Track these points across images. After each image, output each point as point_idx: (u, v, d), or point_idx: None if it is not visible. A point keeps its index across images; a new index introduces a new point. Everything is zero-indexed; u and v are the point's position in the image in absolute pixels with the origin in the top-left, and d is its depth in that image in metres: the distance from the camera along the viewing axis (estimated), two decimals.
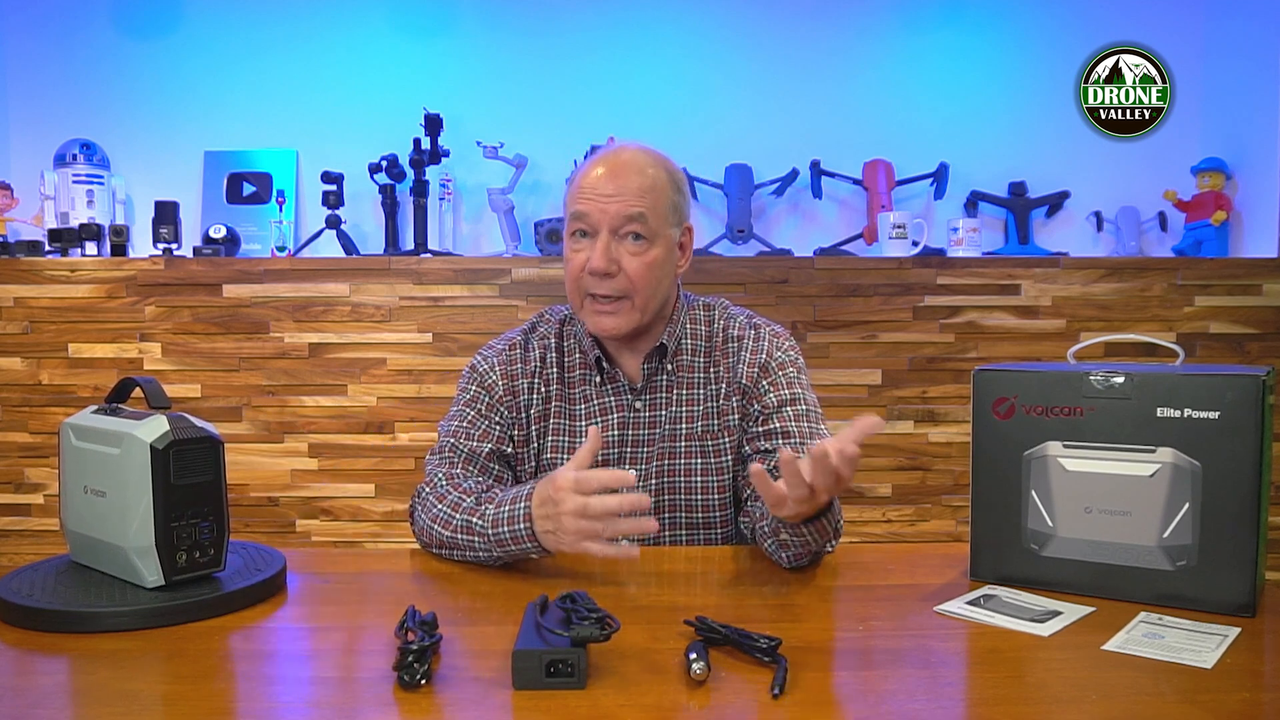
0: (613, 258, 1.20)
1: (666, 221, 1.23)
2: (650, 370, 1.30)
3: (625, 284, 1.21)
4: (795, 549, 1.08)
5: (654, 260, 1.22)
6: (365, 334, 2.44)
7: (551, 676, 0.74)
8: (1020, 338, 2.48)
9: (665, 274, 1.25)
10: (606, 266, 1.20)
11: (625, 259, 1.21)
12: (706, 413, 1.29)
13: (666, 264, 1.24)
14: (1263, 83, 2.59)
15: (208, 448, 0.97)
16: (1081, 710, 0.72)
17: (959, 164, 2.70)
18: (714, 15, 2.76)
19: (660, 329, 1.30)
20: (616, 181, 1.20)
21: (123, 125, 2.74)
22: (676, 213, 1.25)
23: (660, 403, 1.30)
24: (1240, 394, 0.91)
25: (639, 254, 1.21)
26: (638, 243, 1.21)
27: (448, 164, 2.63)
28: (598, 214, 1.20)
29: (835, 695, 0.75)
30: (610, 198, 1.20)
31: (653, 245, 1.22)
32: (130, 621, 0.89)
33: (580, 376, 1.31)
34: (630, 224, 1.20)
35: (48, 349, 2.43)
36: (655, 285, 1.23)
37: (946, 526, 2.48)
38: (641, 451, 1.29)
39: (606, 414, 1.29)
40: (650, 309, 1.25)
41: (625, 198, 1.20)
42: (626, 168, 1.22)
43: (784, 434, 1.25)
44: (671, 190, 1.24)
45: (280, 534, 2.46)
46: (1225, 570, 0.92)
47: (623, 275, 1.21)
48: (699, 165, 2.68)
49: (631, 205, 1.20)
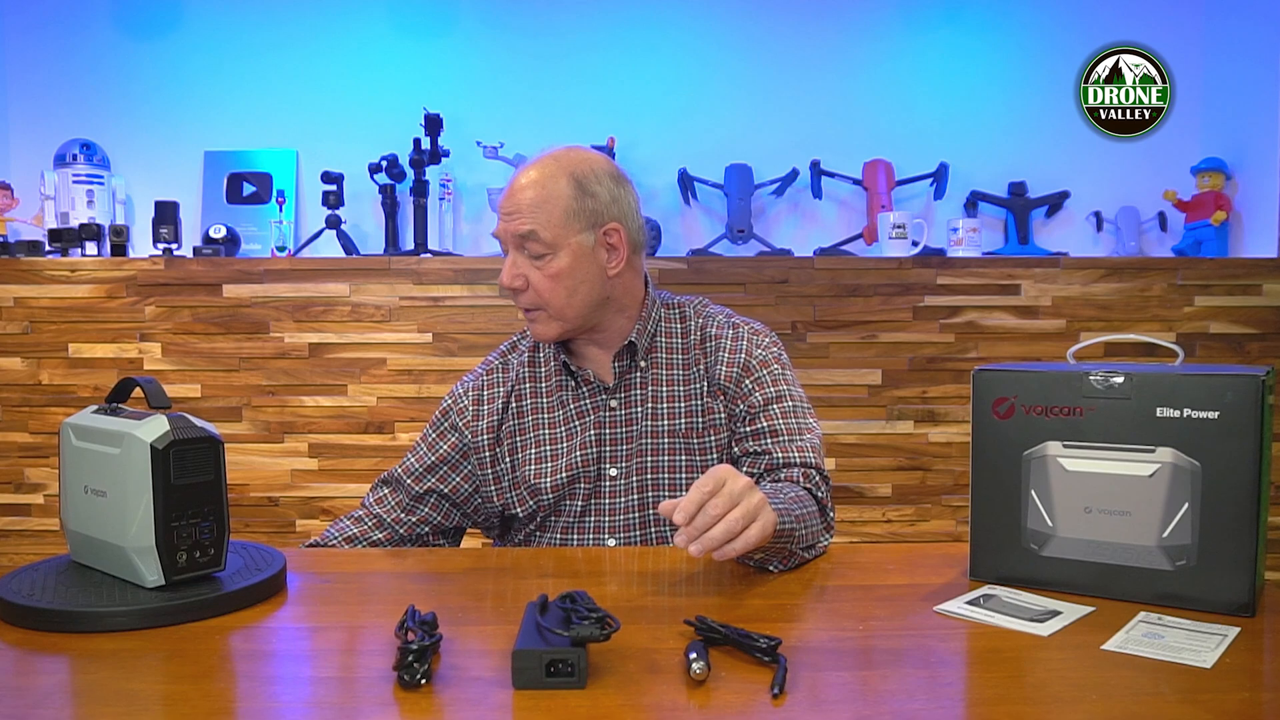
0: (518, 273, 1.25)
1: (568, 230, 1.22)
2: (622, 369, 1.31)
3: (534, 297, 1.25)
4: (774, 562, 1.08)
5: (558, 271, 1.23)
6: (365, 334, 2.44)
7: (551, 676, 0.74)
8: (1020, 338, 2.48)
9: (580, 281, 1.24)
10: (510, 282, 1.25)
11: (531, 274, 1.24)
12: (690, 410, 1.30)
13: (578, 271, 1.24)
14: (1263, 83, 2.59)
15: (208, 448, 0.97)
16: (1081, 710, 0.72)
17: (959, 164, 2.70)
18: (714, 15, 2.76)
19: (629, 325, 1.31)
20: (511, 200, 1.24)
21: (123, 125, 2.74)
22: (585, 217, 1.23)
23: (635, 400, 1.30)
24: (1240, 394, 0.91)
25: (540, 268, 1.24)
26: (538, 260, 1.24)
27: (448, 164, 2.63)
28: (502, 233, 1.26)
29: (835, 695, 0.75)
30: (508, 217, 1.24)
31: (555, 257, 1.23)
32: (130, 621, 0.89)
33: (556, 384, 1.33)
34: (525, 242, 1.23)
35: (48, 349, 2.43)
36: (566, 295, 1.24)
37: (946, 526, 2.48)
38: (620, 450, 1.29)
39: (583, 416, 1.30)
40: (571, 315, 1.26)
41: (516, 216, 1.23)
42: (521, 186, 1.24)
43: (771, 433, 1.26)
44: (573, 198, 1.23)
45: (280, 534, 2.46)
46: (1225, 570, 0.92)
47: (531, 290, 1.25)
48: (699, 165, 2.68)
49: (521, 223, 1.22)
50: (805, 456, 1.24)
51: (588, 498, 1.28)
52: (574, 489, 1.28)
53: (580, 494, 1.28)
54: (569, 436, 1.29)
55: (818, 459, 1.25)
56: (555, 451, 1.29)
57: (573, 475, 1.28)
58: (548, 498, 1.28)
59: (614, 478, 1.28)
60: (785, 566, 1.09)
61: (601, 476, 1.29)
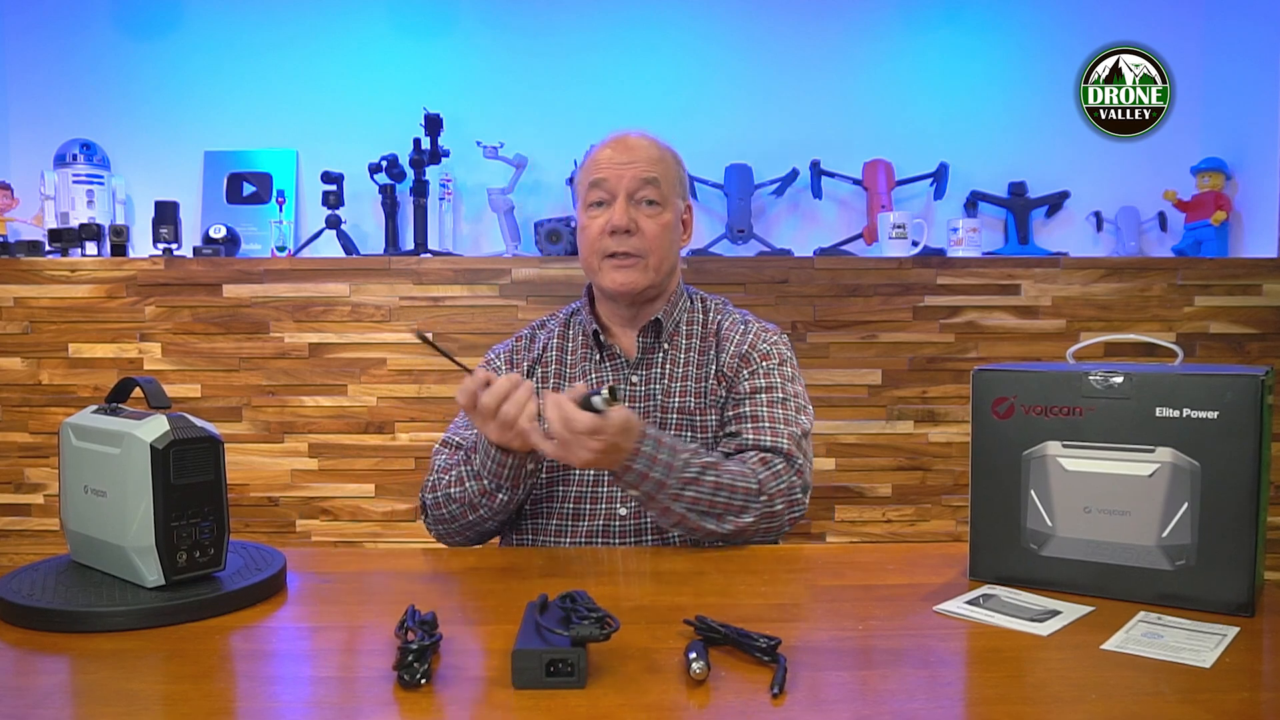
0: (631, 217, 1.30)
1: (675, 191, 1.35)
2: (646, 345, 1.36)
3: (641, 243, 1.31)
4: (653, 511, 1.16)
5: (666, 223, 1.34)
6: (365, 334, 2.44)
7: (551, 676, 0.74)
8: (1020, 338, 2.48)
9: (674, 240, 1.37)
10: (626, 224, 1.30)
11: (642, 220, 1.31)
12: (698, 391, 1.34)
13: (675, 231, 1.37)
14: (1263, 83, 2.59)
15: (208, 448, 0.97)
16: (1081, 710, 0.72)
17: (959, 164, 2.70)
18: (714, 15, 2.76)
19: (659, 305, 1.37)
20: (631, 152, 1.33)
21: (123, 125, 2.74)
22: (682, 186, 1.40)
23: (655, 377, 1.35)
24: (1239, 394, 0.91)
25: (654, 216, 1.32)
26: (652, 207, 1.32)
27: (448, 164, 2.63)
28: (615, 179, 1.31)
29: (835, 695, 0.75)
30: (626, 164, 1.31)
31: (665, 210, 1.33)
32: (130, 621, 0.89)
33: (582, 356, 1.38)
34: (645, 187, 1.31)
35: (48, 349, 2.43)
36: (667, 248, 1.33)
37: (946, 526, 2.48)
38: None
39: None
40: (662, 270, 1.34)
41: (639, 164, 1.32)
42: (637, 141, 1.35)
43: (752, 418, 1.29)
44: (676, 165, 1.38)
45: (280, 534, 2.46)
46: (1224, 570, 0.92)
47: (640, 235, 1.31)
48: (699, 165, 2.68)
49: (646, 170, 1.31)
50: (777, 442, 1.25)
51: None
52: None
53: None
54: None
55: (791, 446, 1.26)
56: None
57: None
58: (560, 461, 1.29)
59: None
60: (679, 528, 1.17)
61: None
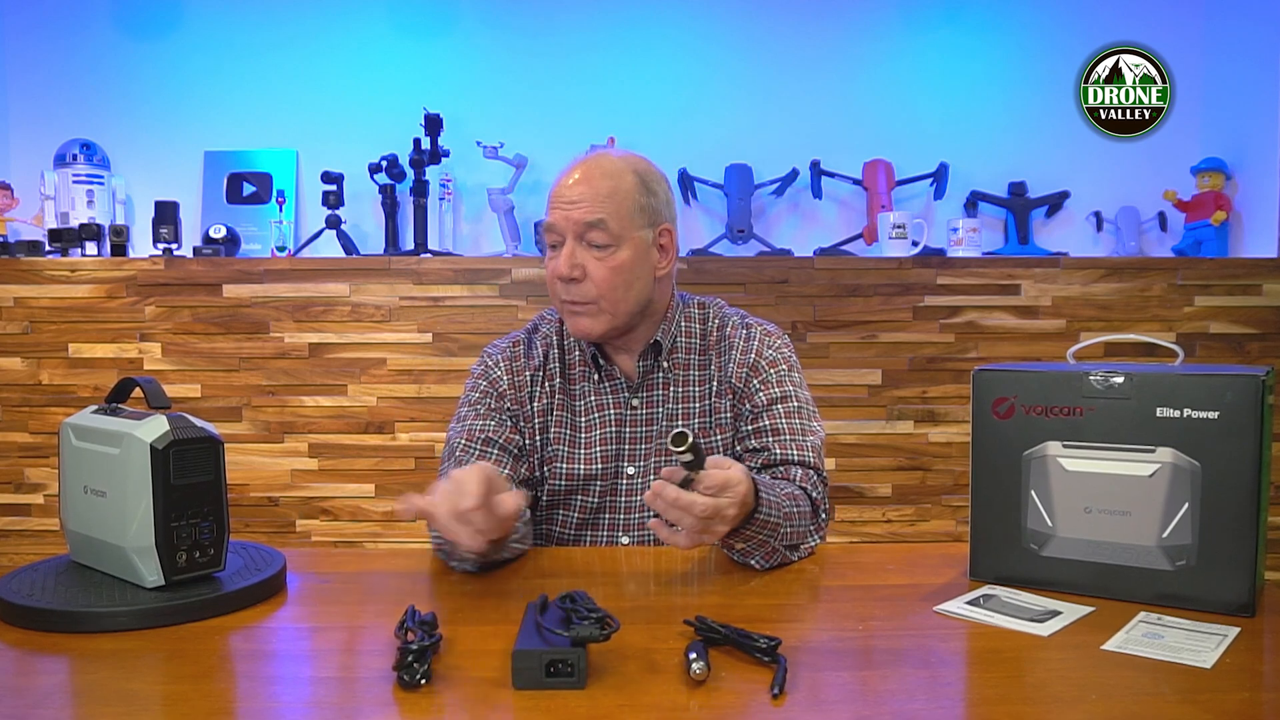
0: (576, 263, 1.22)
1: (633, 225, 1.23)
2: (646, 368, 1.31)
3: (591, 290, 1.23)
4: (755, 556, 1.09)
5: (619, 265, 1.23)
6: (365, 334, 2.44)
7: (551, 676, 0.74)
8: (1020, 338, 2.48)
9: (636, 276, 1.25)
10: (570, 272, 1.22)
11: (590, 265, 1.22)
12: (703, 410, 1.31)
13: (636, 267, 1.24)
14: (1263, 83, 2.59)
15: (208, 448, 0.97)
16: (1081, 710, 0.72)
17: (959, 164, 2.70)
18: (714, 15, 2.76)
19: (653, 327, 1.31)
20: (578, 189, 1.22)
21: (123, 125, 2.74)
22: (646, 214, 1.25)
23: (657, 400, 1.31)
24: (1240, 394, 0.91)
25: (603, 259, 1.22)
26: (602, 250, 1.22)
27: (448, 164, 2.63)
28: (562, 222, 1.23)
29: (835, 695, 0.75)
30: (573, 205, 1.22)
31: (618, 249, 1.23)
32: (130, 621, 0.89)
33: (580, 374, 1.32)
34: (591, 230, 1.21)
35: (48, 349, 2.43)
36: (624, 289, 1.24)
37: (946, 526, 2.48)
38: (639, 449, 1.30)
39: (604, 410, 1.30)
40: (622, 311, 1.25)
41: (586, 205, 1.21)
42: (589, 176, 1.23)
43: (773, 431, 1.26)
44: (639, 193, 1.24)
45: (280, 534, 2.46)
46: (1225, 570, 0.92)
47: (588, 281, 1.22)
48: (699, 165, 2.68)
49: (591, 212, 1.21)
50: (804, 456, 1.24)
51: (604, 494, 1.29)
52: (590, 485, 1.29)
53: (596, 490, 1.29)
54: (588, 428, 1.30)
55: (817, 459, 1.26)
56: (574, 441, 1.30)
57: (590, 471, 1.28)
58: (561, 484, 1.28)
59: (631, 476, 1.29)
60: (768, 564, 1.10)
61: (619, 474, 1.29)
